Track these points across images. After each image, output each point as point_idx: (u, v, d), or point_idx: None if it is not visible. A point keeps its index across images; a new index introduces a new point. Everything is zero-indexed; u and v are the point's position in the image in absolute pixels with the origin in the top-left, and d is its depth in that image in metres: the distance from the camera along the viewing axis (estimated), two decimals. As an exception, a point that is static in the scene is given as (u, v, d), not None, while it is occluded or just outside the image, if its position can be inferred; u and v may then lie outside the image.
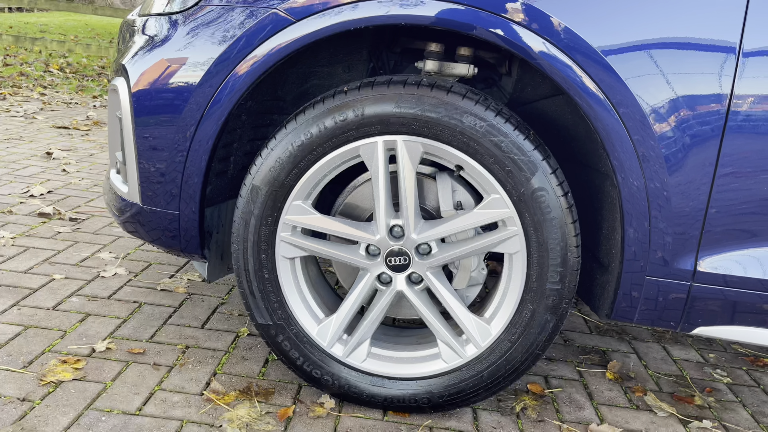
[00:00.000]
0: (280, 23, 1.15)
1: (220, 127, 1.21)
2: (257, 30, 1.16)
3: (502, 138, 1.14)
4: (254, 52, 1.16)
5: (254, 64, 1.17)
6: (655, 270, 1.17)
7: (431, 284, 1.26)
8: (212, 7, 1.22)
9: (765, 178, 1.08)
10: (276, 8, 1.15)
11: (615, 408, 1.44)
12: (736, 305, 1.17)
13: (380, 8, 1.10)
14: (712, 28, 1.05)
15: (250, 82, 1.18)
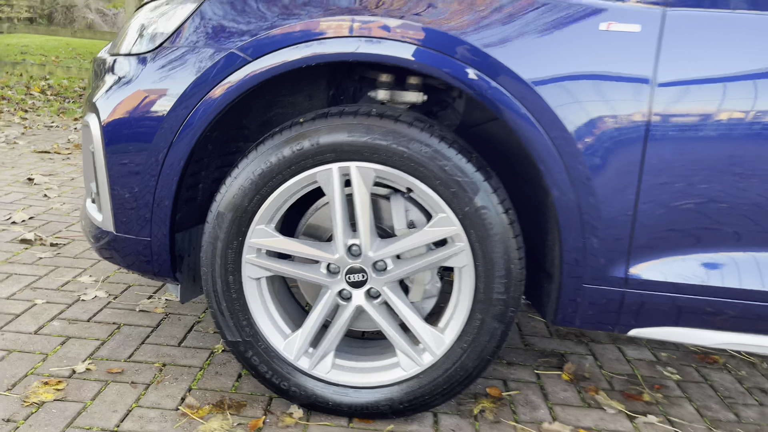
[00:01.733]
0: (237, 62, 1.25)
1: (185, 160, 1.30)
2: (217, 68, 1.26)
3: (446, 162, 1.24)
4: (214, 89, 1.25)
5: (215, 100, 1.26)
6: (592, 278, 1.27)
7: (388, 298, 1.35)
8: (176, 48, 1.31)
9: (684, 193, 1.19)
10: (232, 49, 1.24)
11: (568, 407, 1.53)
12: (666, 308, 1.27)
13: (324, 47, 1.21)
14: (631, 63, 1.16)
15: (212, 116, 1.27)
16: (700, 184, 1.18)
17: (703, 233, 1.22)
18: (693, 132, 1.17)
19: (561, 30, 1.18)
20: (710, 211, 1.20)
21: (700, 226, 1.21)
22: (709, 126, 1.16)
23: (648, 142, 1.17)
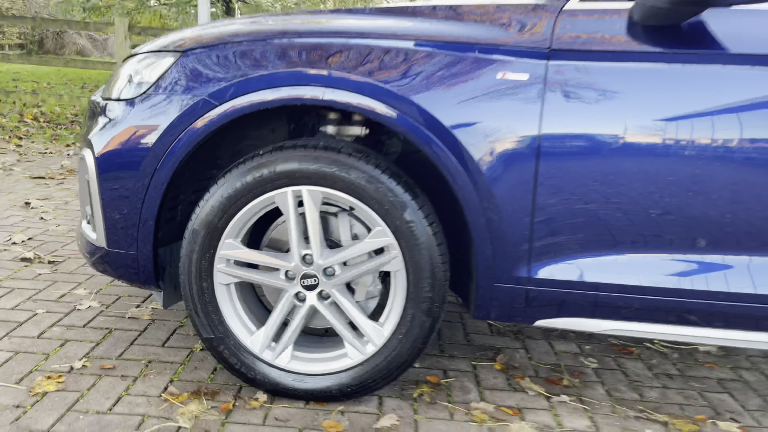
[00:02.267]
0: (207, 106, 1.53)
1: (165, 187, 1.57)
2: (190, 111, 1.53)
3: (380, 185, 1.52)
4: (188, 128, 1.53)
5: (189, 137, 1.54)
6: (501, 278, 1.54)
7: (336, 299, 1.62)
8: (157, 94, 1.59)
9: (572, 208, 1.47)
10: (203, 95, 1.53)
11: (496, 391, 1.80)
12: (563, 302, 1.54)
13: (271, 94, 1.49)
14: (522, 105, 1.45)
15: (186, 150, 1.55)
16: (585, 200, 1.46)
17: (589, 240, 1.50)
18: (576, 157, 1.45)
19: (468, 77, 1.47)
20: (594, 222, 1.48)
21: (587, 233, 1.49)
22: (590, 150, 1.45)
23: (539, 168, 1.46)
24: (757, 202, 1.41)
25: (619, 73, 1.43)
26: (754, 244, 1.44)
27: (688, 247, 1.47)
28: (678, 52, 1.42)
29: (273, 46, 1.54)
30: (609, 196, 1.45)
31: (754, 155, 1.39)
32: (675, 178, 1.42)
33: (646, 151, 1.42)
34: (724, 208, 1.42)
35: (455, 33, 1.52)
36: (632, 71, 1.43)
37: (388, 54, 1.50)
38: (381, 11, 1.68)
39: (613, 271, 1.51)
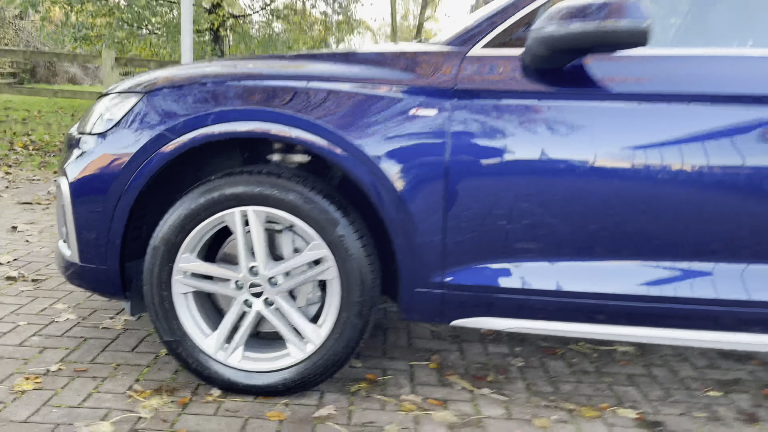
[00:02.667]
0: (165, 139, 1.78)
1: (129, 210, 1.81)
2: (150, 143, 1.78)
3: (314, 205, 1.77)
4: (149, 158, 1.78)
5: (150, 166, 1.78)
6: (420, 284, 1.79)
7: (279, 305, 1.86)
8: (123, 130, 1.84)
9: (475, 224, 1.72)
10: (161, 131, 1.78)
11: (427, 386, 2.03)
12: (473, 304, 1.79)
13: (218, 129, 1.75)
14: (432, 135, 1.70)
15: (148, 177, 1.80)
16: (487, 215, 1.72)
17: (492, 249, 1.74)
18: (479, 179, 1.71)
19: (386, 113, 1.73)
20: (496, 234, 1.73)
21: (490, 244, 1.74)
22: (490, 172, 1.70)
23: (447, 189, 1.71)
24: (619, 212, 1.66)
25: (513, 109, 1.70)
26: (617, 248, 1.70)
27: (575, 254, 1.72)
28: (559, 91, 1.69)
29: (222, 88, 1.80)
30: (506, 212, 1.71)
31: (622, 172, 1.65)
32: (560, 194, 1.68)
33: (538, 172, 1.68)
34: (598, 218, 1.68)
35: (378, 75, 1.79)
36: (523, 107, 1.69)
37: (323, 95, 1.76)
38: (321, 57, 1.95)
39: (514, 276, 1.76)
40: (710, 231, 1.67)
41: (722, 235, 1.67)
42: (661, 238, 1.68)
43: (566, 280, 1.72)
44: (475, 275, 1.77)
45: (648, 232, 1.68)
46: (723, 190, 1.63)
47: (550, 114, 1.68)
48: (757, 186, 1.63)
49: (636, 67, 1.69)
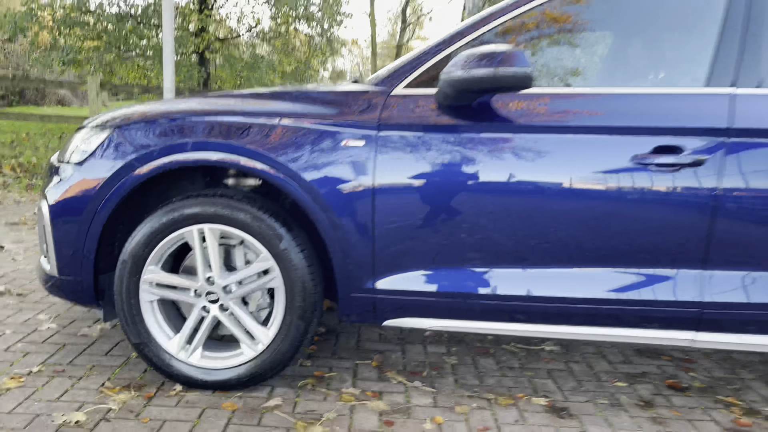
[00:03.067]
0: (132, 167, 2.06)
1: (101, 229, 2.09)
2: (118, 171, 2.06)
3: (262, 223, 2.05)
4: (118, 183, 2.06)
5: (118, 191, 2.06)
6: (354, 289, 2.07)
7: (234, 310, 2.13)
8: (96, 159, 2.12)
9: (399, 237, 2.01)
10: (128, 159, 2.06)
11: (367, 381, 2.30)
12: (401, 306, 2.07)
13: (177, 158, 2.03)
14: (361, 162, 2.00)
15: (117, 201, 2.07)
16: (409, 229, 2.01)
17: (415, 258, 2.03)
18: (402, 198, 2.00)
19: (323, 144, 2.02)
20: (418, 245, 2.02)
21: (413, 254, 2.03)
22: (411, 193, 1.99)
23: (375, 207, 2.00)
24: (517, 223, 1.96)
25: (428, 139, 2.00)
26: (518, 256, 1.99)
27: (483, 261, 2.01)
28: (466, 124, 1.99)
29: (180, 123, 2.09)
30: (423, 226, 2.00)
31: (516, 190, 1.95)
32: (469, 210, 1.97)
33: (449, 191, 1.98)
34: (502, 229, 1.97)
35: (318, 112, 2.08)
36: (437, 138, 1.99)
37: (271, 130, 2.05)
38: (273, 95, 2.23)
39: (434, 281, 2.04)
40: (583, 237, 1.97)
41: (593, 243, 1.97)
42: (546, 246, 1.98)
43: (477, 285, 2.01)
44: (401, 281, 2.05)
45: (540, 241, 1.98)
46: (593, 205, 1.94)
47: (458, 143, 1.98)
48: (638, 201, 1.93)
49: (524, 104, 2.00)
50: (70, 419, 1.92)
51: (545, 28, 2.12)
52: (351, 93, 2.12)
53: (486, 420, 2.06)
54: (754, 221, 1.92)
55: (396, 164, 2.00)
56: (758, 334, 1.99)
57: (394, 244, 2.02)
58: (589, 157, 1.95)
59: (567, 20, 2.12)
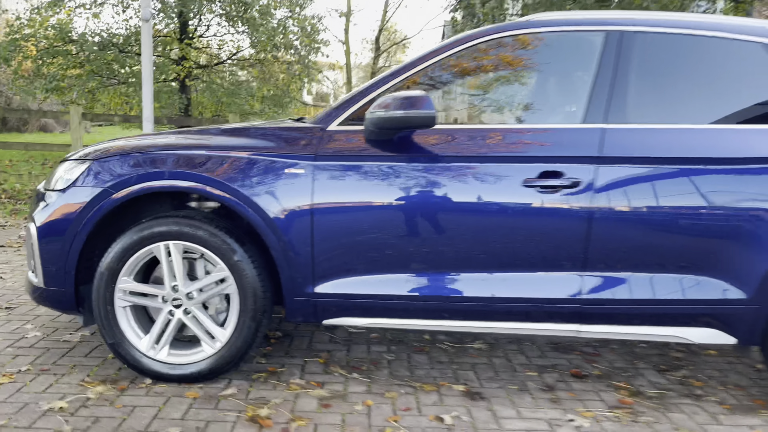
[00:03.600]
0: (108, 193, 2.44)
1: (81, 247, 2.46)
2: (96, 197, 2.44)
3: (218, 238, 2.43)
4: (95, 207, 2.44)
5: (96, 214, 2.44)
6: (297, 293, 2.46)
7: (195, 314, 2.50)
8: (77, 187, 2.50)
9: (334, 248, 2.40)
10: (104, 187, 2.44)
11: (313, 374, 2.68)
12: (337, 307, 2.46)
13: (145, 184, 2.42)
14: (301, 186, 2.40)
15: (94, 222, 2.45)
16: (342, 241, 2.40)
17: (348, 267, 2.42)
18: (335, 216, 2.40)
19: (269, 173, 2.42)
20: (350, 255, 2.41)
21: (346, 263, 2.42)
22: (343, 211, 2.39)
23: (313, 224, 2.40)
24: (427, 236, 2.37)
25: (356, 167, 2.41)
26: (431, 263, 2.40)
27: (401, 268, 2.41)
28: (388, 155, 2.41)
29: (153, 156, 2.48)
30: (352, 240, 2.40)
31: (426, 208, 2.36)
32: (389, 225, 2.38)
33: (373, 210, 2.38)
34: (416, 242, 2.38)
35: (266, 146, 2.48)
36: (363, 165, 2.40)
37: (226, 160, 2.45)
38: (231, 131, 2.64)
39: (364, 285, 2.44)
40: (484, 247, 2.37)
41: (492, 251, 2.37)
42: (455, 254, 2.38)
43: (396, 288, 2.41)
44: (336, 286, 2.44)
45: (439, 252, 2.38)
46: (492, 220, 2.35)
47: (382, 170, 2.40)
48: (527, 217, 2.35)
49: (435, 138, 2.41)
50: (54, 406, 2.27)
51: (452, 74, 2.56)
52: (294, 129, 2.53)
53: (410, 402, 2.44)
54: (623, 231, 2.34)
55: (330, 188, 2.40)
56: (632, 325, 2.40)
57: (329, 255, 2.42)
58: (488, 181, 2.37)
59: (472, 68, 2.56)
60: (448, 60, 2.52)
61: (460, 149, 2.39)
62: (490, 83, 2.66)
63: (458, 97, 2.55)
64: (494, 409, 2.41)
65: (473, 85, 2.59)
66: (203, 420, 2.24)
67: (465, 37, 2.54)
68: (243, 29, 14.51)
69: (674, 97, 2.47)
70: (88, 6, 13.96)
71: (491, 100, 2.74)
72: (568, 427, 2.29)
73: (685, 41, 2.47)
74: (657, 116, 2.41)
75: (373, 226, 2.39)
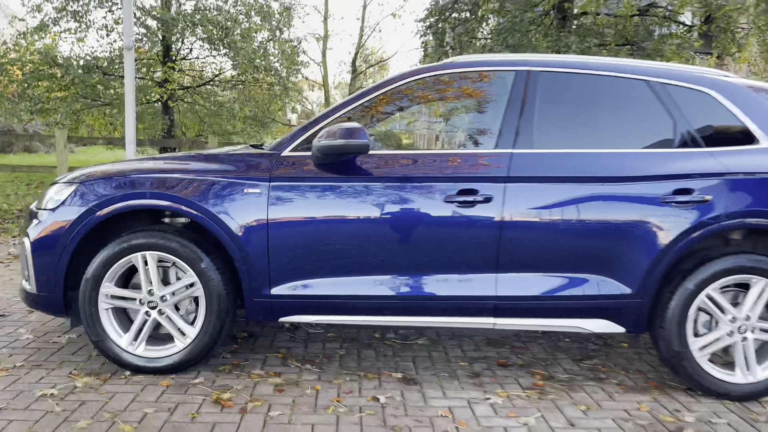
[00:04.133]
0: (92, 211, 2.86)
1: (69, 258, 2.86)
2: (83, 215, 2.86)
3: (188, 249, 2.85)
4: (81, 223, 2.85)
5: (82, 229, 2.85)
6: (256, 295, 2.87)
7: (168, 314, 2.91)
8: (65, 206, 2.91)
9: (287, 256, 2.83)
10: (89, 206, 2.86)
11: (273, 366, 3.08)
12: (289, 307, 2.88)
13: (126, 203, 2.84)
14: (258, 203, 2.83)
15: (81, 236, 2.85)
16: (294, 250, 2.83)
17: (299, 272, 2.85)
18: (288, 229, 2.83)
19: (231, 193, 2.85)
20: (300, 262, 2.84)
21: (297, 269, 2.85)
22: (294, 225, 2.83)
23: (269, 235, 2.83)
24: (363, 246, 2.80)
25: (305, 187, 2.84)
26: (367, 268, 2.83)
27: (343, 273, 2.84)
28: (332, 177, 2.85)
29: (133, 179, 2.90)
30: (302, 249, 2.83)
31: (365, 223, 2.80)
32: (332, 236, 2.81)
33: (318, 224, 2.82)
34: (353, 251, 2.81)
35: (229, 169, 2.92)
36: (312, 186, 2.84)
37: (194, 182, 2.87)
38: (200, 157, 3.07)
39: (312, 288, 2.86)
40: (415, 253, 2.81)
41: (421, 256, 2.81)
42: (387, 259, 2.82)
43: (341, 289, 2.83)
44: (289, 289, 2.87)
45: (378, 258, 2.82)
46: (420, 230, 2.80)
47: (326, 190, 2.84)
48: (449, 227, 2.79)
49: (373, 162, 2.86)
50: (46, 393, 2.67)
51: (387, 108, 3.02)
52: (254, 155, 2.97)
53: (353, 387, 2.86)
54: (528, 238, 2.80)
55: (283, 205, 2.84)
56: (539, 318, 2.85)
57: (282, 262, 2.84)
58: (415, 197, 2.81)
59: (404, 102, 3.02)
60: (384, 96, 2.98)
61: (392, 171, 2.84)
62: (419, 115, 3.13)
63: (392, 126, 3.00)
64: (424, 392, 2.83)
65: (404, 117, 3.05)
66: (174, 402, 2.65)
67: (398, 76, 3.01)
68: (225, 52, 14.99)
69: (571, 126, 2.94)
70: (74, 31, 14.38)
71: (419, 130, 3.20)
72: (485, 404, 2.72)
73: (582, 79, 2.96)
74: (556, 142, 2.88)
75: (319, 237, 2.83)
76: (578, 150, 2.86)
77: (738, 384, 2.82)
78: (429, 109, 3.12)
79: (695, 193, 2.75)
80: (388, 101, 3.04)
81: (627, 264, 2.78)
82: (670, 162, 2.81)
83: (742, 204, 2.76)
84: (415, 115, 3.11)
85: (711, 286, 2.78)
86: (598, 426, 2.56)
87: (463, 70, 3.02)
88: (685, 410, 2.73)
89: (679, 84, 2.94)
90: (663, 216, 2.76)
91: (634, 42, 9.97)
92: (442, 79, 3.01)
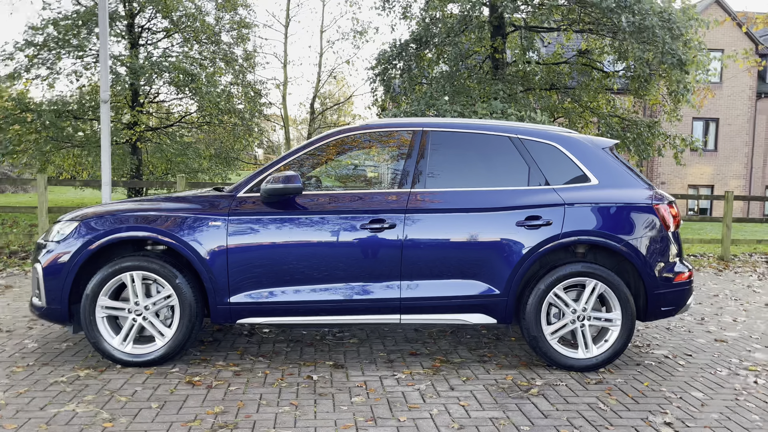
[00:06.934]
0: (91, 243, 3.73)
1: (73, 279, 3.72)
2: (84, 245, 3.73)
3: (166, 269, 3.75)
4: (82, 252, 3.72)
5: (83, 257, 3.72)
6: (219, 303, 3.77)
7: (151, 319, 3.78)
8: (69, 239, 3.78)
9: (243, 272, 3.74)
10: (88, 238, 3.74)
11: (233, 360, 3.96)
12: (246, 311, 3.78)
13: (117, 235, 3.73)
14: (219, 232, 3.75)
15: (81, 263, 3.72)
16: (248, 267, 3.75)
17: (253, 284, 3.76)
18: (242, 252, 3.75)
19: (199, 225, 3.77)
20: (253, 276, 3.75)
21: (251, 281, 3.76)
22: (248, 249, 3.75)
23: (228, 257, 3.74)
24: (303, 264, 3.75)
25: (255, 221, 3.78)
26: (309, 280, 3.76)
27: (288, 284, 3.77)
28: (277, 212, 3.80)
29: (120, 216, 3.79)
30: (254, 268, 3.75)
31: (302, 247, 3.75)
32: (279, 258, 3.74)
33: (266, 248, 3.75)
34: (295, 268, 3.75)
35: (197, 207, 3.84)
36: (261, 219, 3.78)
37: (169, 217, 3.78)
38: (173, 198, 3.98)
39: (263, 296, 3.78)
40: (339, 268, 3.76)
41: (343, 270, 3.76)
42: (318, 273, 3.76)
43: (284, 297, 3.76)
44: (244, 297, 3.77)
45: (311, 272, 3.76)
46: (343, 251, 3.75)
47: (272, 222, 3.78)
48: (363, 247, 3.75)
49: (307, 200, 3.82)
50: (57, 380, 3.50)
51: (317, 159, 4.00)
52: (216, 196, 3.91)
53: (293, 371, 3.76)
54: (421, 254, 3.78)
55: (238, 235, 3.77)
56: (432, 314, 3.81)
57: (238, 277, 3.76)
58: (339, 226, 3.78)
59: (329, 155, 4.01)
60: (315, 150, 3.97)
61: (321, 207, 3.81)
62: (341, 164, 4.11)
63: (321, 172, 3.97)
64: (348, 372, 3.75)
65: (331, 165, 4.03)
66: (157, 383, 3.51)
67: (326, 135, 4.00)
68: (190, 95, 15.92)
69: (454, 171, 3.97)
70: (44, 77, 15.14)
71: (341, 175, 4.19)
72: (392, 379, 3.66)
73: (462, 136, 4.00)
74: (443, 183, 3.90)
75: (267, 258, 3.76)
76: (458, 189, 3.88)
77: (580, 359, 3.82)
78: (350, 158, 4.11)
79: (542, 218, 3.79)
80: (318, 154, 4.02)
81: (496, 271, 3.78)
82: (524, 196, 3.85)
83: (576, 226, 3.81)
84: (339, 163, 4.09)
85: (557, 287, 3.80)
86: (471, 389, 3.52)
87: (375, 130, 4.04)
88: (539, 378, 3.71)
89: (532, 138, 4.01)
90: (519, 236, 3.78)
91: (559, 86, 11.26)
92: (358, 138, 4.02)
